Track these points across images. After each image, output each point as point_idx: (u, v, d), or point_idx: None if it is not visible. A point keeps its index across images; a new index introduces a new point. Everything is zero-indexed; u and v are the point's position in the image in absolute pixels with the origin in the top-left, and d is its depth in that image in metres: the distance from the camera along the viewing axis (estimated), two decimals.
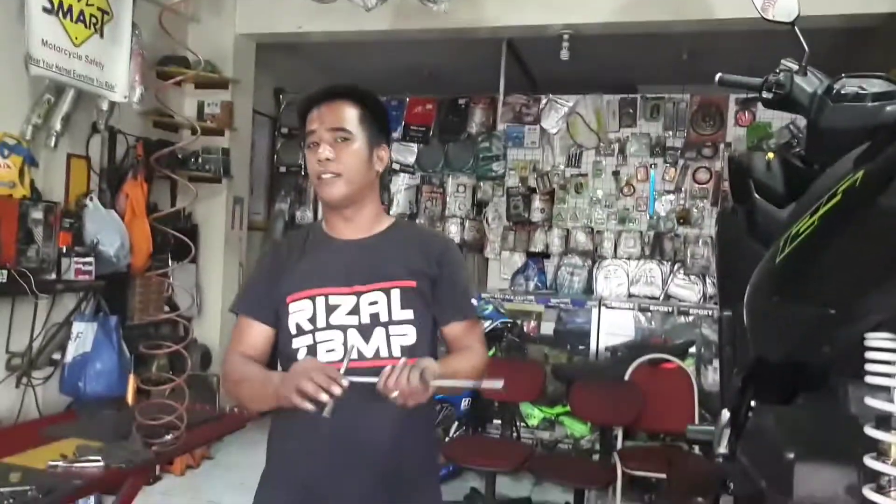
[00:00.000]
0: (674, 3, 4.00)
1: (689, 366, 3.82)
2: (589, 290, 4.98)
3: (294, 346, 1.38)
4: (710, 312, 4.33)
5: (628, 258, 5.01)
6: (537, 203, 5.15)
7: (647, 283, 4.93)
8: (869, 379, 0.86)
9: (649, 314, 4.50)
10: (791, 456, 0.96)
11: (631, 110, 5.08)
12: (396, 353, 1.35)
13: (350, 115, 1.42)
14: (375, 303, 1.37)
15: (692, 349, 4.13)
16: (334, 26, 4.44)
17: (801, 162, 1.66)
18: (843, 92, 1.50)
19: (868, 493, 0.86)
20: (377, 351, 1.35)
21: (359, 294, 1.38)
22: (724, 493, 1.45)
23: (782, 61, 1.66)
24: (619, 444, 3.49)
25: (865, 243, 0.81)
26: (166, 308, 4.11)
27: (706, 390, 3.78)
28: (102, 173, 3.87)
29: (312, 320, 1.37)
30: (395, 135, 5.33)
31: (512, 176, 5.20)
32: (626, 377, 3.60)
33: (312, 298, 1.38)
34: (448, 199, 5.30)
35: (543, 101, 5.16)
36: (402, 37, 4.62)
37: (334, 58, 5.59)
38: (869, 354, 0.85)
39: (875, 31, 3.90)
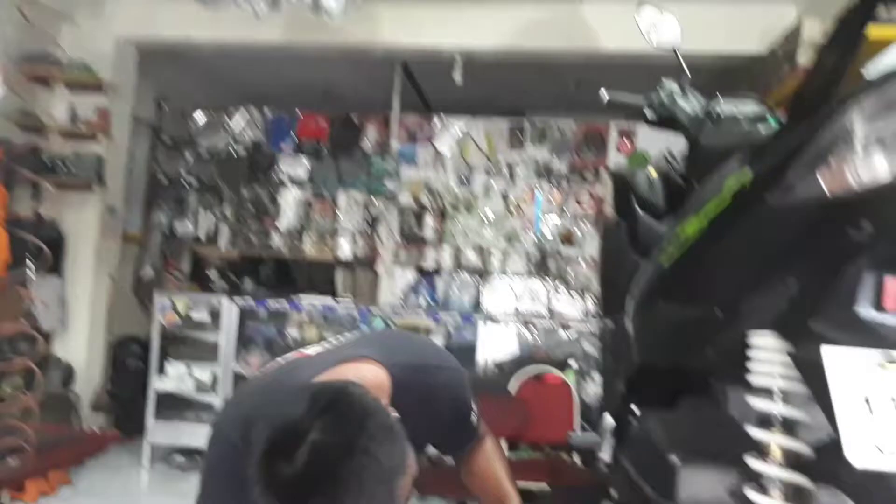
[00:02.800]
0: (563, 34, 4.16)
1: (570, 377, 3.92)
2: (477, 306, 5.03)
3: None
4: (591, 328, 4.48)
5: (515, 276, 5.11)
6: (429, 221, 5.17)
7: (532, 300, 5.04)
8: (752, 379, 0.87)
9: (534, 329, 4.59)
10: (675, 460, 0.97)
11: (519, 134, 5.21)
12: None
13: None
14: None
15: (573, 362, 4.24)
16: (223, 35, 4.30)
17: (681, 179, 1.73)
18: (720, 113, 1.58)
19: (751, 493, 0.88)
20: None
21: None
22: (606, 502, 1.46)
23: (664, 80, 1.74)
24: None
25: (753, 242, 0.83)
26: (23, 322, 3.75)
27: (586, 403, 3.88)
28: None
29: None
30: (287, 148, 5.22)
31: (405, 194, 5.19)
32: (512, 390, 3.64)
33: None
34: (339, 214, 5.21)
35: (436, 121, 5.20)
36: (294, 51, 4.53)
37: (223, 69, 5.40)
38: (752, 354, 0.87)
39: (744, 71, 4.20)
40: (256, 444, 0.96)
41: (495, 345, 4.50)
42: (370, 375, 1.17)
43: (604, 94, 1.85)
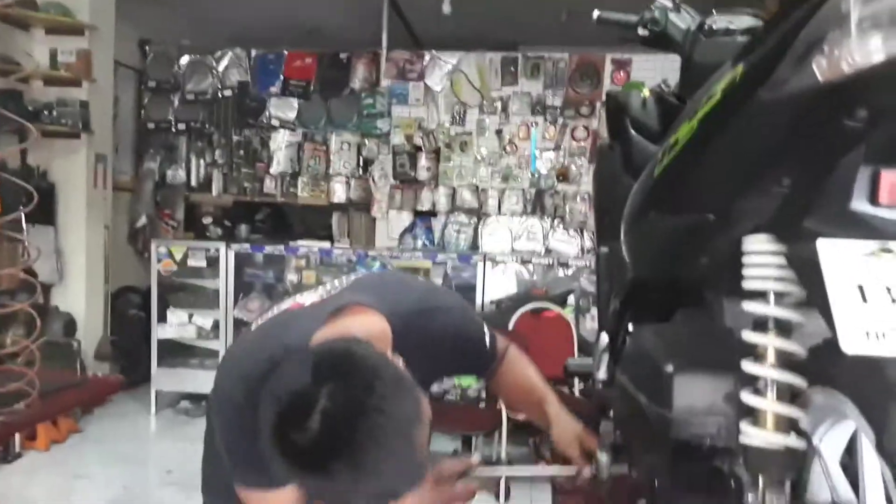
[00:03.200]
0: None
1: (568, 314, 3.95)
2: (474, 246, 5.03)
3: None
4: (588, 264, 4.49)
5: (511, 215, 5.09)
6: (423, 161, 5.11)
7: (530, 239, 5.04)
8: (746, 284, 0.87)
9: (531, 267, 4.61)
10: (670, 369, 0.97)
11: (512, 69, 5.11)
12: None
13: None
14: None
15: (570, 299, 4.26)
16: None
17: (676, 98, 1.69)
18: (714, 28, 1.54)
19: (745, 396, 0.88)
20: None
21: None
22: (604, 421, 1.47)
23: None
24: None
25: (745, 140, 0.81)
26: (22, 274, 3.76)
27: (584, 338, 3.92)
28: None
29: None
30: (275, 89, 5.12)
31: (397, 133, 5.12)
32: (510, 326, 3.67)
33: None
34: (332, 156, 5.15)
35: (427, 57, 5.09)
36: None
37: (205, 8, 5.26)
38: (746, 259, 0.87)
39: None
40: (265, 419, 0.95)
41: (494, 284, 4.52)
42: (371, 326, 1.15)
43: (595, 13, 1.79)
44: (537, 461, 3.42)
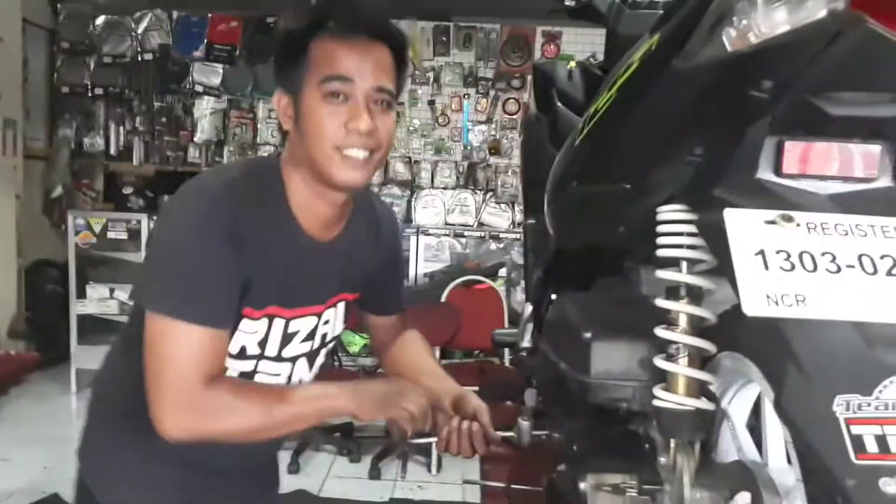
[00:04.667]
0: None
1: (499, 286, 4.00)
2: (408, 219, 5.02)
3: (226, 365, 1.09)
4: (519, 237, 4.55)
5: (444, 188, 5.09)
6: None
7: (462, 212, 5.06)
8: (660, 252, 0.89)
9: (464, 241, 4.63)
10: (588, 336, 1.00)
11: (444, 38, 5.08)
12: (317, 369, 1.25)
13: (393, 71, 1.09)
14: (328, 321, 1.20)
15: (502, 271, 4.32)
16: None
17: (601, 71, 1.72)
18: (638, 0, 1.56)
19: (658, 361, 0.91)
20: (315, 374, 1.25)
21: (319, 314, 1.18)
22: (529, 389, 1.50)
23: None
24: None
25: (659, 109, 0.83)
26: None
27: (514, 310, 3.98)
28: None
29: (262, 344, 1.12)
30: (199, 53, 4.93)
31: None
32: (443, 298, 3.70)
33: (270, 318, 1.11)
34: (259, 125, 5.02)
35: None
36: None
37: None
38: (660, 228, 0.89)
39: None
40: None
41: (427, 256, 4.54)
42: None
43: None
44: None
